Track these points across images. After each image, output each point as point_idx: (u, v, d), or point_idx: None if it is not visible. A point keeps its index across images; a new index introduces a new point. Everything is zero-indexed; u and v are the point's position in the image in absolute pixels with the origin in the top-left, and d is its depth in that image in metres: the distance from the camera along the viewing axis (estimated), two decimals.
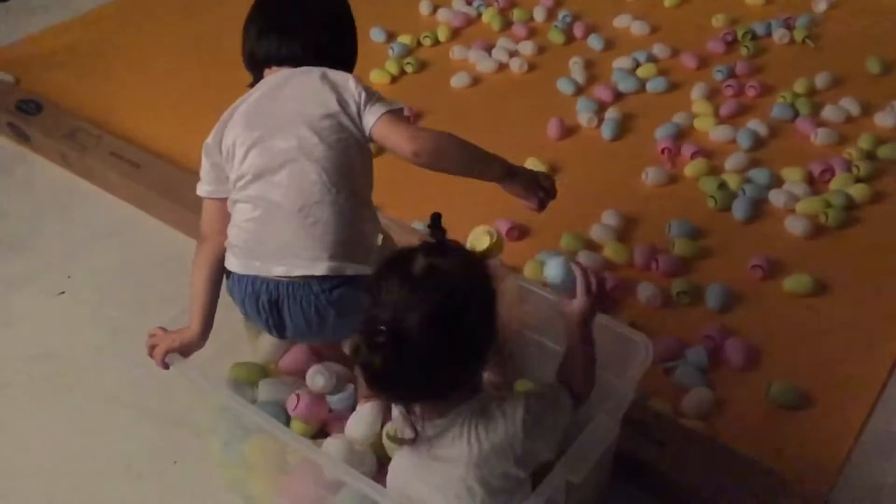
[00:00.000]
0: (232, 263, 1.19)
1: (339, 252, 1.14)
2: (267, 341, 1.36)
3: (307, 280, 1.14)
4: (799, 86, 2.15)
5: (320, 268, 1.13)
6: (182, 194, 1.83)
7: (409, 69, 2.29)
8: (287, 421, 1.27)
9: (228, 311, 1.26)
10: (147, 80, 2.32)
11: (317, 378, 1.25)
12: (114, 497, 1.39)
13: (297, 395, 1.25)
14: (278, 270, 1.14)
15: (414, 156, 1.14)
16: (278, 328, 1.19)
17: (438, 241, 1.02)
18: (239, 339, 1.38)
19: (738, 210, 1.79)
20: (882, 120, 2.04)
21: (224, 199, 1.21)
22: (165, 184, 1.87)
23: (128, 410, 1.51)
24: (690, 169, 1.91)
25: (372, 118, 1.16)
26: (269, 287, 1.16)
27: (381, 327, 0.88)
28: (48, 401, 1.54)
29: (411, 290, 0.89)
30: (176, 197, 1.83)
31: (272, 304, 1.17)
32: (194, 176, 1.18)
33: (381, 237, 1.23)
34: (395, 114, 1.17)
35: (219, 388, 1.25)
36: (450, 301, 0.89)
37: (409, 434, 0.97)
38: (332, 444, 1.21)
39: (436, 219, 1.30)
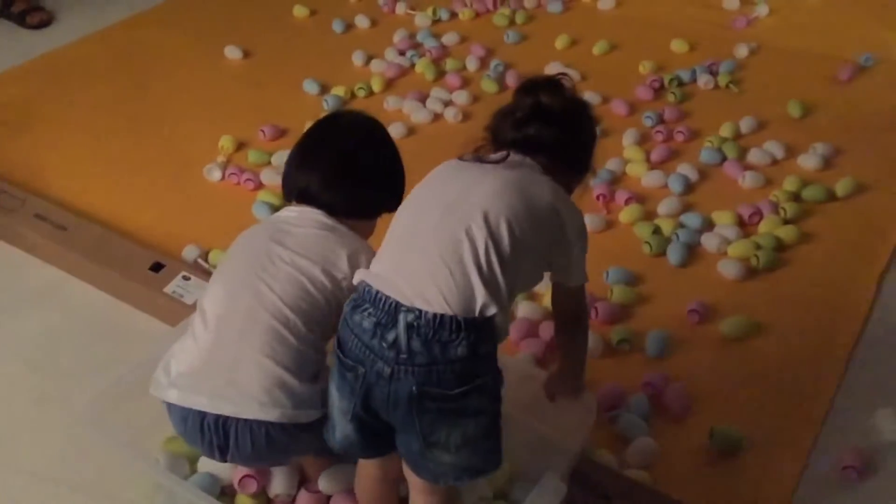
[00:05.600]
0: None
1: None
2: None
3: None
4: (725, 130, 2.21)
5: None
6: (110, 257, 1.77)
7: None
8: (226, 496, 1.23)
9: None
10: (75, 140, 2.26)
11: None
12: None
13: (252, 476, 1.22)
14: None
15: None
16: (221, 450, 1.12)
17: None
18: None
19: (673, 255, 1.82)
20: (805, 162, 2.11)
21: None
22: (93, 246, 1.81)
23: (55, 487, 1.44)
24: (625, 215, 1.94)
25: None
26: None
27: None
28: None
29: None
30: (104, 260, 1.77)
31: (218, 425, 1.11)
32: (123, 238, 1.15)
33: None
34: None
35: (152, 464, 1.21)
36: None
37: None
38: None
39: None
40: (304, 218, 1.19)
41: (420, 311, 0.98)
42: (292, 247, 1.15)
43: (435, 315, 0.97)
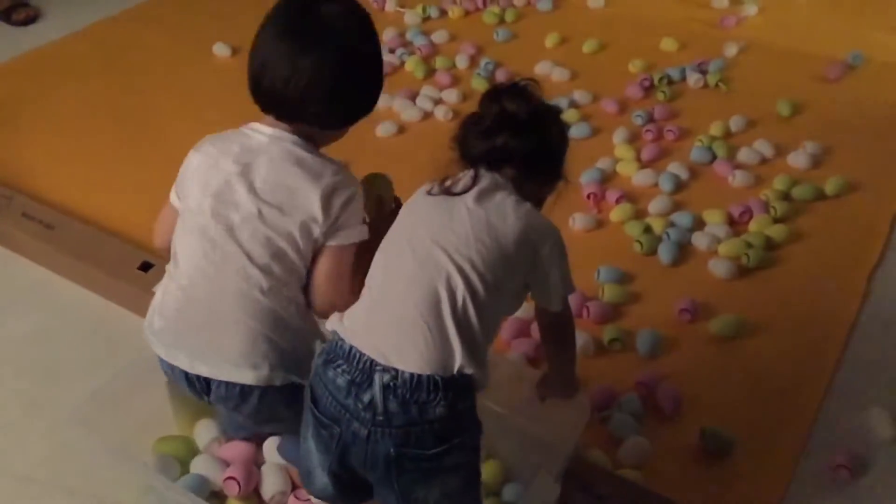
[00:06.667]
0: None
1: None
2: (205, 428, 1.31)
3: None
4: (715, 129, 2.21)
5: None
6: (98, 256, 1.76)
7: None
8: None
9: (151, 383, 1.21)
10: (61, 138, 2.24)
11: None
12: None
13: (234, 478, 1.21)
14: None
15: None
16: (208, 399, 1.14)
17: None
18: (165, 410, 1.33)
19: (664, 254, 1.82)
20: (794, 161, 2.11)
21: None
22: (81, 246, 1.79)
23: (44, 490, 1.42)
24: (616, 214, 1.94)
25: None
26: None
27: None
28: None
29: None
30: (92, 259, 1.75)
31: (200, 379, 1.11)
32: (111, 237, 1.14)
33: None
34: None
35: (141, 466, 1.20)
36: None
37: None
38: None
39: None
40: (277, 147, 1.09)
41: (397, 370, 0.95)
42: (261, 189, 1.07)
43: (412, 375, 0.95)
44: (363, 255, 1.09)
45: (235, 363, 1.07)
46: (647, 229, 1.89)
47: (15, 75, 2.52)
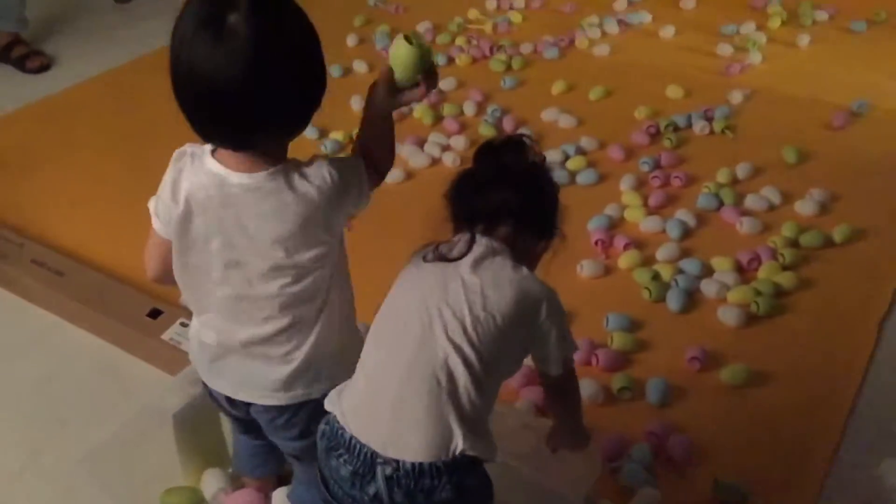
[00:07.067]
0: None
1: None
2: (212, 477, 1.30)
3: None
4: (721, 175, 2.22)
5: None
6: (108, 303, 1.76)
7: None
8: None
9: (159, 433, 1.20)
10: (73, 184, 2.26)
11: None
12: None
13: None
14: None
15: None
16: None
17: None
18: (172, 460, 1.32)
19: (673, 301, 1.82)
20: (802, 208, 2.12)
21: None
22: (91, 292, 1.80)
23: None
24: (624, 260, 1.94)
25: None
26: None
27: None
28: None
29: None
30: (101, 306, 1.76)
31: None
32: (121, 284, 1.14)
33: None
34: None
35: None
36: None
37: None
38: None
39: None
40: (259, 188, 1.01)
41: (398, 462, 0.94)
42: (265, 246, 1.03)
43: (414, 465, 0.94)
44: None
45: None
46: (656, 276, 1.89)
47: (28, 122, 2.56)
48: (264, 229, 1.01)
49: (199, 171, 1.03)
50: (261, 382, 1.09)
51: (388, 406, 0.97)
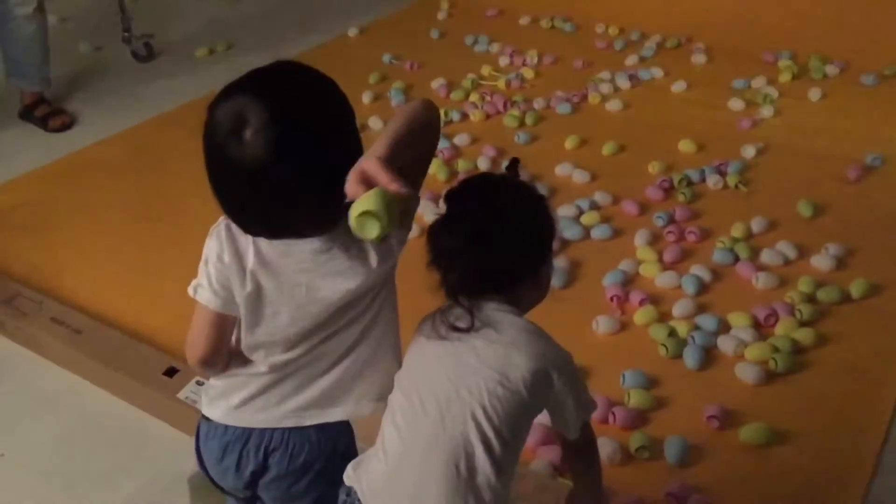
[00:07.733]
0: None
1: None
2: None
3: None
4: (736, 230, 2.22)
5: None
6: (125, 362, 1.77)
7: None
8: None
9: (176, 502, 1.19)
10: (93, 242, 2.29)
11: None
12: None
13: None
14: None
15: None
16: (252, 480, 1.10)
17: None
18: None
19: (689, 358, 1.80)
20: (818, 263, 2.11)
21: None
22: (108, 351, 1.81)
23: None
24: (640, 316, 1.94)
25: None
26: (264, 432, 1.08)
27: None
28: None
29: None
30: (119, 365, 1.77)
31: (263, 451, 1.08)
32: (138, 342, 1.14)
33: None
34: None
35: None
36: None
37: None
38: None
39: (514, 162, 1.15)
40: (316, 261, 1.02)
41: None
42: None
43: None
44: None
45: None
46: (672, 332, 1.88)
47: (49, 180, 2.60)
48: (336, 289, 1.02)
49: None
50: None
51: (407, 493, 0.97)
